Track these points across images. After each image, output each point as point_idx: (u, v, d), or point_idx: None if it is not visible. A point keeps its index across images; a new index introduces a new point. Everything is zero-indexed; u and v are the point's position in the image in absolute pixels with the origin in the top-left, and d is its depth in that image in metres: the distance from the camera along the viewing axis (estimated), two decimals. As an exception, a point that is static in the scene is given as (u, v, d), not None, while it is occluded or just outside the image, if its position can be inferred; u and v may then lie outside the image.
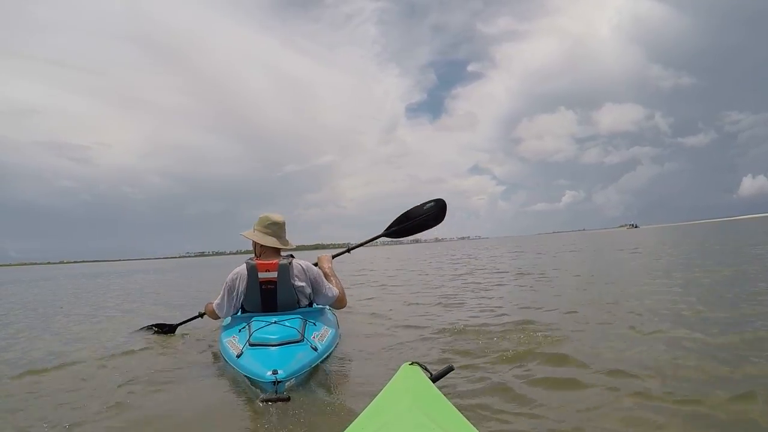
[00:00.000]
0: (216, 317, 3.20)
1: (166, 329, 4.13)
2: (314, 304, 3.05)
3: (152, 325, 4.24)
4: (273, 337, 2.40)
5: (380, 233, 3.96)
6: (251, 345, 2.37)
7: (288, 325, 2.54)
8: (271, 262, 2.83)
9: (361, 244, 4.07)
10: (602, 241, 26.34)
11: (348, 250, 3.94)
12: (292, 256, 3.00)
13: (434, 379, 1.36)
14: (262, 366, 2.16)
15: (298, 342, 2.43)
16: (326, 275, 3.22)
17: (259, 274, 2.81)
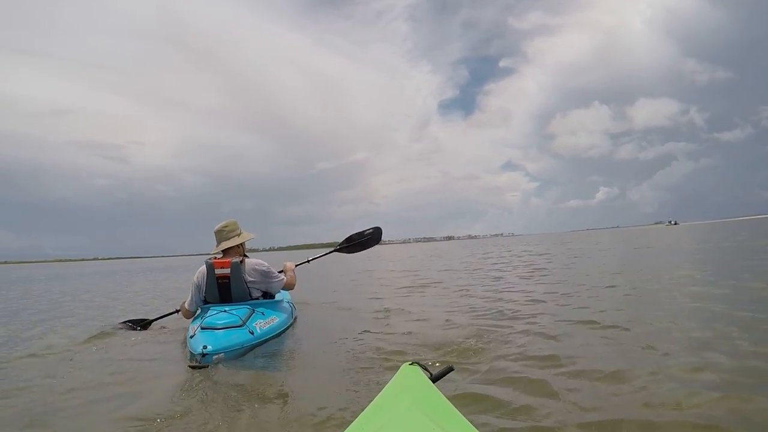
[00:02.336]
0: (188, 314, 3.71)
1: (139, 325, 4.29)
2: (275, 296, 3.81)
3: (127, 321, 4.37)
4: (219, 323, 3.07)
5: (333, 249, 5.06)
6: (202, 328, 3.03)
7: (234, 313, 3.21)
8: (225, 260, 3.47)
9: (319, 257, 4.96)
10: (651, 239, 23.05)
11: (308, 261, 4.80)
12: (246, 256, 3.67)
13: (434, 379, 1.34)
14: (201, 343, 2.81)
15: (238, 327, 3.09)
16: (289, 270, 4.08)
17: (215, 270, 3.47)
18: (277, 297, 3.96)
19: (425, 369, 1.37)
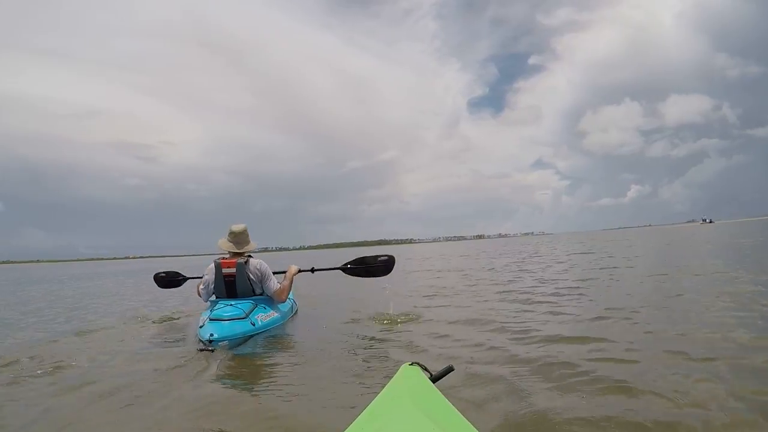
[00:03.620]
0: (199, 293, 4.26)
1: (177, 280, 5.09)
2: (268, 293, 4.18)
3: (161, 272, 5.15)
4: (225, 315, 3.59)
5: (339, 266, 4.83)
6: (210, 320, 3.56)
7: (239, 307, 3.73)
8: (231, 260, 3.98)
9: (324, 269, 4.89)
10: (699, 238, 21.03)
11: (312, 270, 4.78)
12: (250, 256, 4.12)
13: (434, 379, 1.34)
14: (209, 331, 3.36)
15: (241, 318, 3.62)
16: (285, 277, 4.33)
17: (222, 269, 3.96)
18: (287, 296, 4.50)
19: (425, 369, 1.37)
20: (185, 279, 5.09)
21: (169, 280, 5.14)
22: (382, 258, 4.67)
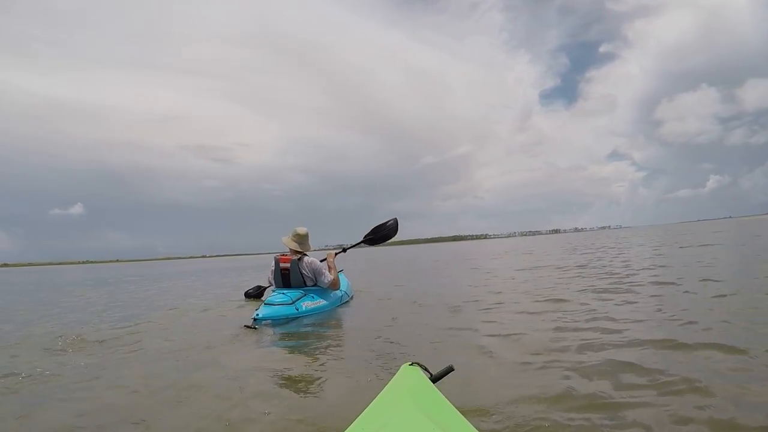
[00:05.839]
0: (269, 284, 5.36)
1: (255, 293, 6.09)
2: (323, 286, 4.94)
3: (248, 290, 6.25)
4: (275, 301, 4.44)
5: (361, 240, 5.83)
6: (265, 303, 4.44)
7: (288, 294, 4.56)
8: (287, 257, 4.86)
9: (352, 246, 5.92)
10: None
11: (344, 250, 5.85)
12: (305, 255, 4.93)
13: (434, 379, 1.34)
14: (257, 312, 4.22)
15: (287, 304, 4.43)
16: (329, 266, 5.13)
17: (280, 264, 4.87)
18: (342, 284, 5.40)
19: (425, 369, 1.37)
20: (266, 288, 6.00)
21: (256, 294, 6.14)
22: (390, 222, 5.84)
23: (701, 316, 3.35)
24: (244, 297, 6.20)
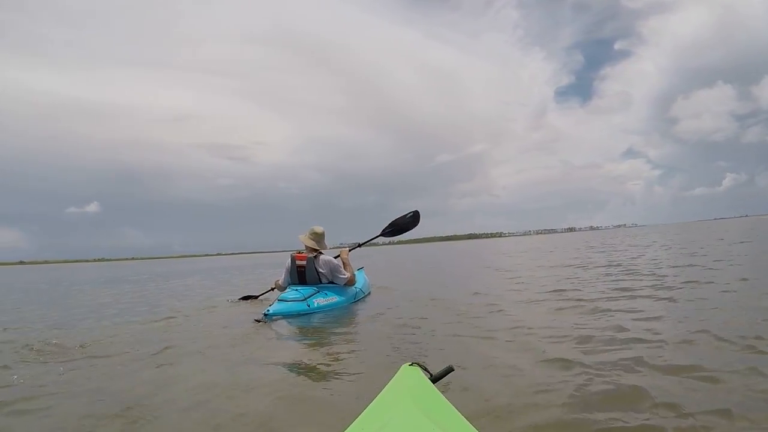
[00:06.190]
0: (280, 287, 5.18)
1: (250, 298, 5.86)
2: (340, 284, 5.00)
3: (241, 298, 5.95)
4: (288, 297, 4.57)
5: (378, 233, 5.83)
6: (279, 300, 4.56)
7: (301, 292, 4.66)
8: (303, 255, 4.93)
9: (368, 241, 5.91)
10: None
11: (359, 245, 5.94)
12: (321, 253, 4.99)
13: (434, 379, 1.35)
14: (269, 308, 4.33)
15: (299, 301, 4.53)
16: (344, 263, 5.19)
17: (296, 261, 4.93)
18: (359, 281, 5.50)
19: (425, 369, 1.37)
20: (257, 296, 5.93)
21: (248, 297, 6.03)
22: (409, 215, 5.82)
23: (740, 318, 3.15)
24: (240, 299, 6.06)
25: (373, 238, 5.82)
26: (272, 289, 5.53)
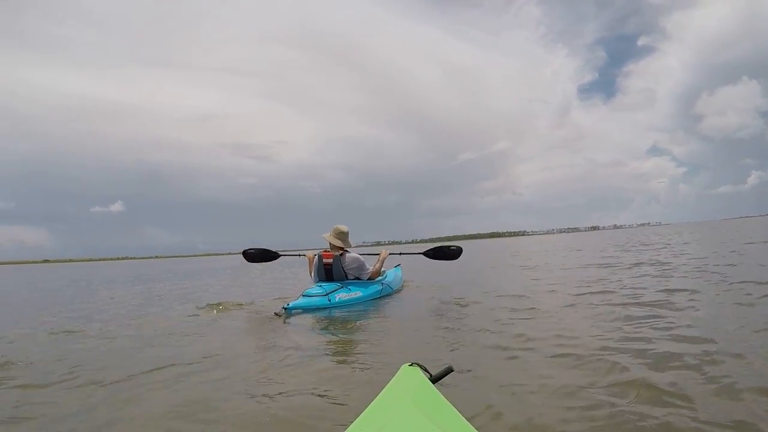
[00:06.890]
0: (309, 268, 5.37)
1: (268, 256, 6.00)
2: (365, 279, 5.23)
3: (259, 248, 6.00)
4: (312, 293, 4.69)
5: (420, 252, 6.06)
6: (303, 295, 4.67)
7: (324, 287, 4.79)
8: (330, 253, 5.11)
9: (409, 254, 6.15)
10: None
11: (400, 254, 6.40)
12: (347, 251, 5.18)
13: (434, 379, 1.33)
14: (290, 302, 4.45)
15: (321, 296, 4.65)
16: (380, 260, 5.48)
17: (323, 259, 5.13)
18: (388, 277, 5.74)
19: (425, 370, 1.36)
20: (278, 255, 5.98)
21: (261, 256, 6.01)
22: (453, 248, 5.93)
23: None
24: (243, 256, 6.03)
25: (414, 253, 6.05)
26: (300, 255, 5.68)
